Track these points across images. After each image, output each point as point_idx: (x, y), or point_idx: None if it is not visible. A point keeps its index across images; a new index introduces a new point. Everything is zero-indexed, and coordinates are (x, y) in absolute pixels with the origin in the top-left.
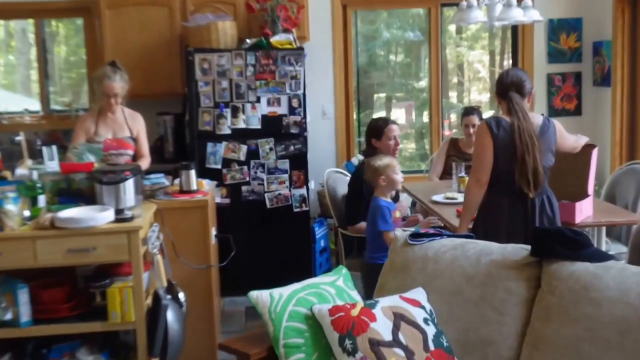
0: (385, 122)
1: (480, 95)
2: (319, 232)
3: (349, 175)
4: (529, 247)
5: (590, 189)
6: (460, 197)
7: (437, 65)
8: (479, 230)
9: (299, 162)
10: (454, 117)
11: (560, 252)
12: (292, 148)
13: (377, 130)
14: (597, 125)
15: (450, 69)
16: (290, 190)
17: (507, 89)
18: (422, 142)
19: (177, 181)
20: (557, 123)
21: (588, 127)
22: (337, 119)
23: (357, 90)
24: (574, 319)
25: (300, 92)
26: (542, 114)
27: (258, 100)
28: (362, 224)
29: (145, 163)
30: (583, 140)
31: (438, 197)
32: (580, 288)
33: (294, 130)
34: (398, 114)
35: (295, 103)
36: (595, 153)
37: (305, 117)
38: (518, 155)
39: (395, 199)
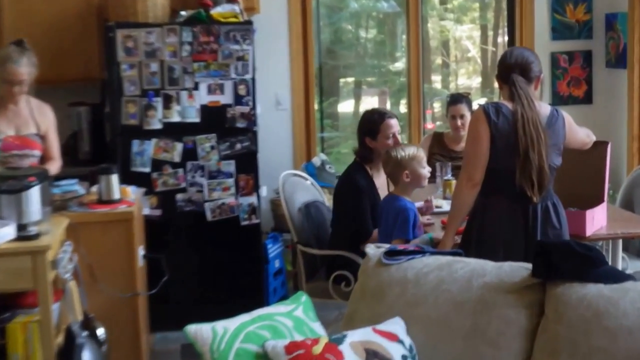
0: (381, 116)
1: (469, 79)
2: (273, 250)
3: (309, 179)
4: (530, 265)
5: (604, 194)
6: (446, 206)
7: (417, 43)
8: (469, 245)
9: (248, 163)
10: (437, 106)
11: (568, 271)
12: (238, 146)
13: (371, 127)
14: (611, 115)
15: (433, 48)
16: (236, 199)
17: (510, 70)
18: (403, 139)
19: (94, 188)
20: (567, 115)
21: (600, 118)
22: (294, 110)
23: (319, 75)
24: (585, 353)
25: (248, 76)
26: (550, 104)
27: (196, 87)
28: (375, 233)
29: (55, 166)
30: (594, 137)
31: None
32: (592, 315)
33: (240, 124)
34: (369, 103)
35: (242, 90)
36: (608, 150)
37: (254, 107)
38: (521, 150)
39: None
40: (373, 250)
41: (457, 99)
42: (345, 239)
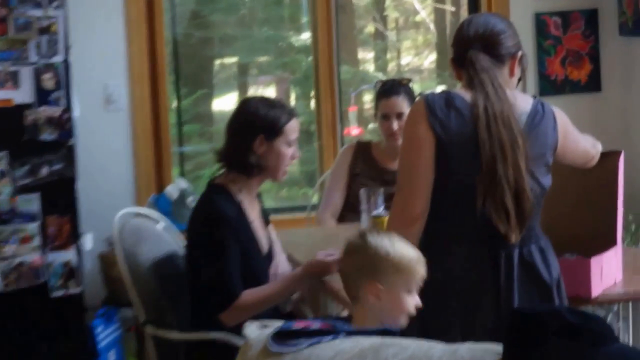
0: (286, 111)
1: (418, 56)
2: (106, 334)
3: (162, 220)
4: (500, 348)
5: (619, 231)
6: None
7: (330, 2)
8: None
9: (61, 198)
10: (368, 100)
11: (557, 355)
12: (45, 170)
13: (271, 124)
14: (627, 108)
15: (360, 8)
16: (43, 256)
17: (467, 46)
18: (309, 149)
19: None
20: (561, 113)
21: (612, 113)
22: (135, 111)
23: (175, 54)
24: None
25: (58, 59)
26: (534, 96)
27: None
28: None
29: None
30: (600, 146)
31: (333, 257)
32: None
33: (48, 136)
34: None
35: (48, 82)
36: (621, 163)
37: (69, 108)
38: (483, 161)
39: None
40: (255, 330)
41: (391, 88)
42: (209, 309)
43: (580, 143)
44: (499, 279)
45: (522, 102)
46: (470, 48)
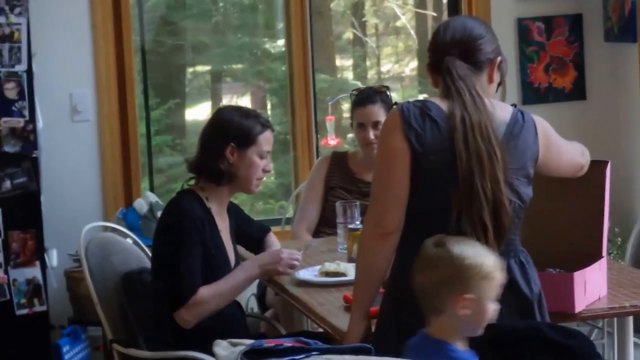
0: (261, 123)
1: (399, 63)
2: (73, 354)
3: (131, 235)
4: None
5: (603, 244)
6: (352, 271)
7: (304, 7)
8: (388, 333)
9: (25, 212)
10: (347, 109)
11: None
12: (7, 184)
13: (245, 132)
14: (613, 117)
15: (338, 14)
16: (6, 273)
17: (444, 52)
18: (284, 160)
19: None
20: (542, 122)
21: (598, 122)
22: (102, 122)
23: (144, 63)
24: None
25: (21, 68)
26: (514, 105)
27: None
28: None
29: None
30: (589, 155)
31: (307, 273)
32: None
33: (11, 148)
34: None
35: (10, 91)
36: (608, 174)
37: (34, 119)
38: (461, 175)
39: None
40: (226, 349)
41: (367, 96)
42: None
43: (565, 153)
44: None
45: (501, 111)
46: (447, 54)
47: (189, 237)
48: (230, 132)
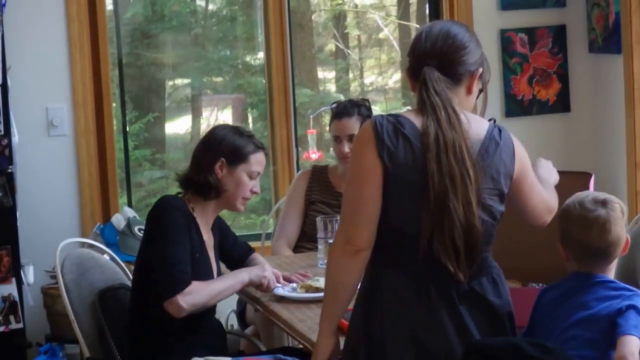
0: (255, 144)
1: (381, 76)
2: None
3: (108, 251)
4: None
5: None
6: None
7: (282, 17)
8: (356, 349)
9: (0, 229)
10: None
11: None
12: None
13: (236, 150)
14: (598, 130)
15: (319, 25)
16: None
17: (423, 60)
18: (265, 174)
19: None
20: (520, 147)
21: (582, 135)
22: (78, 136)
23: (122, 76)
24: None
25: None
26: (492, 119)
27: None
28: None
29: None
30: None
31: (287, 289)
32: None
33: None
34: (216, 119)
35: None
36: (592, 187)
37: (9, 133)
38: (432, 196)
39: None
40: None
41: (343, 109)
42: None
43: (538, 188)
44: (447, 314)
45: (477, 127)
46: (426, 63)
47: (178, 228)
48: (221, 147)
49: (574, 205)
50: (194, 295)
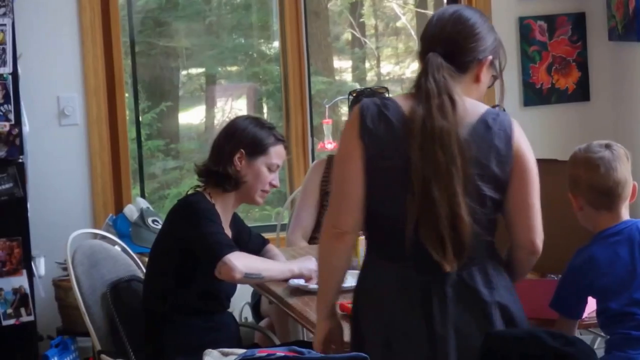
0: (276, 136)
1: (398, 65)
2: None
3: (120, 242)
4: None
5: None
6: (351, 279)
7: (299, 5)
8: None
9: (11, 219)
10: (345, 111)
11: None
12: None
13: (256, 142)
14: (618, 117)
15: (335, 14)
16: None
17: (430, 45)
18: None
19: None
20: (518, 130)
21: (602, 125)
22: (90, 126)
23: (134, 65)
24: None
25: (5, 70)
26: (497, 105)
27: None
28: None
29: None
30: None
31: (300, 281)
32: None
33: None
34: (232, 110)
35: None
36: None
37: (20, 123)
38: (414, 184)
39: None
40: (217, 359)
41: (361, 98)
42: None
43: (536, 209)
44: (431, 311)
45: (473, 109)
46: (432, 49)
47: (209, 213)
48: (241, 139)
49: (579, 150)
50: (246, 258)
